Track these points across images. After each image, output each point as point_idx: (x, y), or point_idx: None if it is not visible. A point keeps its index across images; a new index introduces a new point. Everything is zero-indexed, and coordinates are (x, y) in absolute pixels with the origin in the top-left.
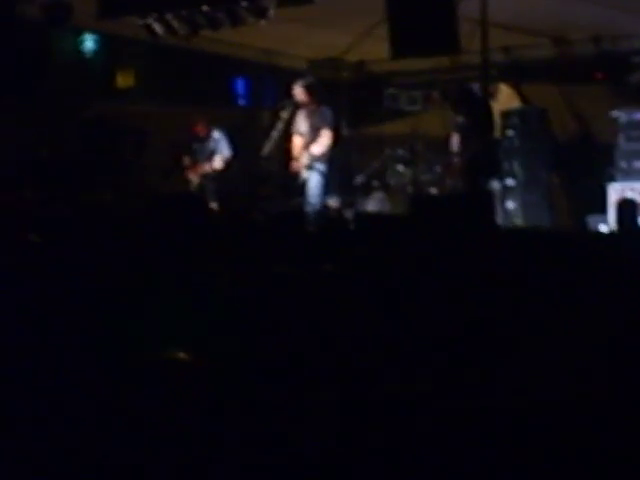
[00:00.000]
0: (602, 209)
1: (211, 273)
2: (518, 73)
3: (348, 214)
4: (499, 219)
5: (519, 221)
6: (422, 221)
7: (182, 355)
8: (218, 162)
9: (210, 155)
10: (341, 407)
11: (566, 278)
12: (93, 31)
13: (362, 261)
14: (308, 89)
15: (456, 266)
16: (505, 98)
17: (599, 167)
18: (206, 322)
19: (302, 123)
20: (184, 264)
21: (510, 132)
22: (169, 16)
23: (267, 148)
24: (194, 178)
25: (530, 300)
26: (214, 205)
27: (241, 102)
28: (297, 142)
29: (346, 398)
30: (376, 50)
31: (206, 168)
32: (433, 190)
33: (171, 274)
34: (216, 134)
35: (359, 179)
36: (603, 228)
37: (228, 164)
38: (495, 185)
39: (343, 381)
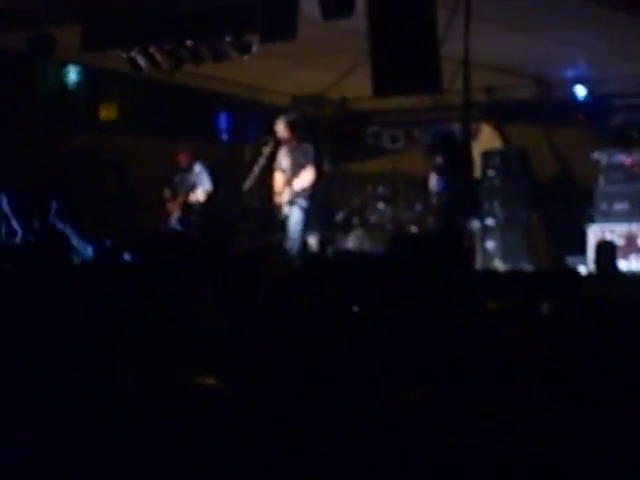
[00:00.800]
0: (581, 250)
1: (192, 306)
2: (500, 113)
3: (328, 250)
4: (479, 258)
5: (499, 261)
6: (401, 259)
7: (211, 380)
8: (200, 194)
9: (191, 188)
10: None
11: (542, 317)
12: (77, 63)
13: (340, 297)
14: (290, 125)
15: (434, 305)
16: (487, 138)
17: (579, 208)
18: (190, 356)
19: (284, 159)
20: (169, 299)
21: (491, 172)
22: (153, 50)
23: (248, 183)
24: (175, 210)
25: (507, 339)
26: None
27: (223, 137)
28: (279, 178)
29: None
30: (359, 87)
31: (187, 200)
32: (413, 228)
33: (154, 309)
34: (197, 167)
35: (340, 216)
36: (582, 269)
37: (209, 197)
38: (475, 225)
39: (323, 413)
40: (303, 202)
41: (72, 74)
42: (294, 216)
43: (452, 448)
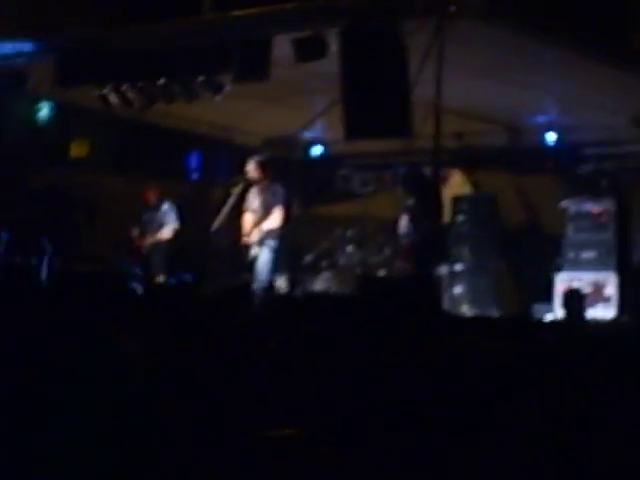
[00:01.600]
0: (548, 298)
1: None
2: (470, 159)
3: (296, 292)
4: (446, 304)
5: (466, 306)
6: (368, 302)
7: (287, 431)
8: (167, 233)
9: (159, 226)
10: None
11: (510, 365)
12: (49, 99)
13: (305, 339)
14: (261, 166)
15: (399, 349)
16: (456, 183)
17: (547, 256)
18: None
19: (254, 200)
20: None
21: (460, 218)
22: (125, 87)
23: (217, 223)
24: (142, 248)
25: (471, 384)
26: (161, 277)
27: (194, 176)
28: (249, 219)
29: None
30: (330, 130)
31: (155, 239)
32: (382, 272)
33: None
34: (166, 205)
35: (308, 258)
36: (549, 317)
37: (176, 235)
38: (443, 270)
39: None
40: (272, 243)
41: (43, 110)
42: (263, 257)
43: None
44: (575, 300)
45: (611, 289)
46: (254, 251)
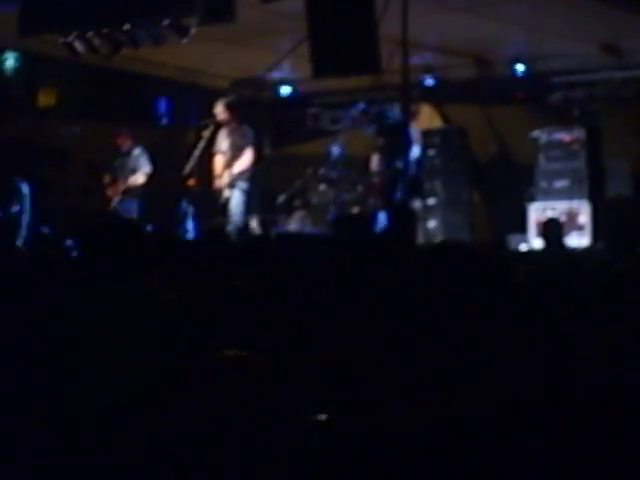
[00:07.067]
0: (522, 228)
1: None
2: (439, 93)
3: (270, 233)
4: (420, 238)
5: (440, 240)
6: (343, 240)
7: (239, 353)
8: (140, 178)
9: (131, 171)
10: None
11: (486, 295)
12: (14, 49)
13: (275, 278)
14: (229, 108)
15: (375, 285)
16: (426, 118)
17: (519, 187)
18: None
19: (223, 142)
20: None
21: (431, 151)
22: (90, 34)
23: (189, 167)
24: (115, 195)
25: (449, 319)
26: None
27: (163, 121)
28: (219, 161)
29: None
30: (298, 69)
31: (127, 184)
32: (355, 209)
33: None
34: (137, 150)
35: (281, 198)
36: (523, 247)
37: (149, 180)
38: (416, 204)
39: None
40: (243, 184)
41: (9, 61)
42: (235, 198)
43: None
44: (554, 228)
45: (584, 217)
46: (226, 193)
